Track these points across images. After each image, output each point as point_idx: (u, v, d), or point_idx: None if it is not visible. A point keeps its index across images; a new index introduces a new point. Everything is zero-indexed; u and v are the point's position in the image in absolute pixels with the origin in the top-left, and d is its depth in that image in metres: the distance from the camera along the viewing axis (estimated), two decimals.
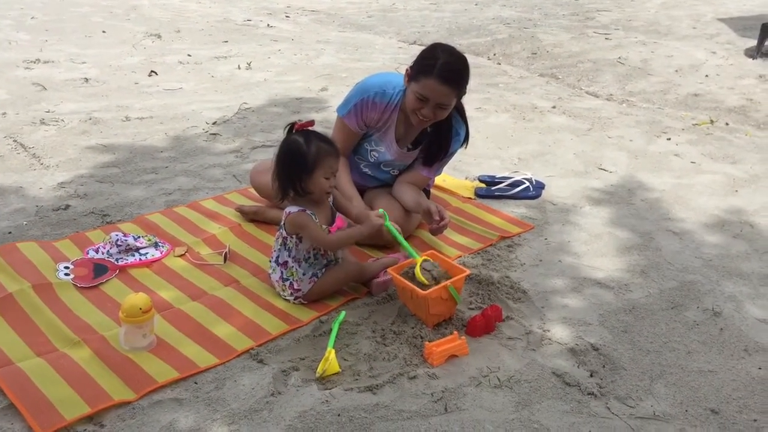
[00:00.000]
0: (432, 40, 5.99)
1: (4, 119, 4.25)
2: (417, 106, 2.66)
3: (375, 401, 2.01)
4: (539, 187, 3.50)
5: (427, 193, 3.13)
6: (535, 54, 6.61)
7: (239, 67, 5.72)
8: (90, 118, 4.31)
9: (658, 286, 2.69)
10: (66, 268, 2.62)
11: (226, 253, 2.76)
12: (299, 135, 2.40)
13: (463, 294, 2.52)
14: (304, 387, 2.06)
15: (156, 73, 5.42)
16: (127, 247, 2.74)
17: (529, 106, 4.96)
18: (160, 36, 6.72)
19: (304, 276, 2.45)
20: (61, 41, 6.37)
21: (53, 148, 3.81)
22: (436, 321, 2.36)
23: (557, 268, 2.79)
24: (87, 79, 5.17)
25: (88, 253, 2.73)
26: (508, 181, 3.47)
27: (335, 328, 2.29)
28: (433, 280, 2.35)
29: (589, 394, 2.08)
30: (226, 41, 6.68)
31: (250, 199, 3.25)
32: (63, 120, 4.26)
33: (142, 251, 2.75)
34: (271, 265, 2.53)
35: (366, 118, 2.84)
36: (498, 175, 3.59)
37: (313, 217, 2.40)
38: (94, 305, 2.42)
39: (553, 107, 4.95)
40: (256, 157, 3.80)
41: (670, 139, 4.36)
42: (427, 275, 2.36)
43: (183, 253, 2.78)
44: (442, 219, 2.71)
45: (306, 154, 2.35)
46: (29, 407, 1.92)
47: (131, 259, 2.70)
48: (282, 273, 2.47)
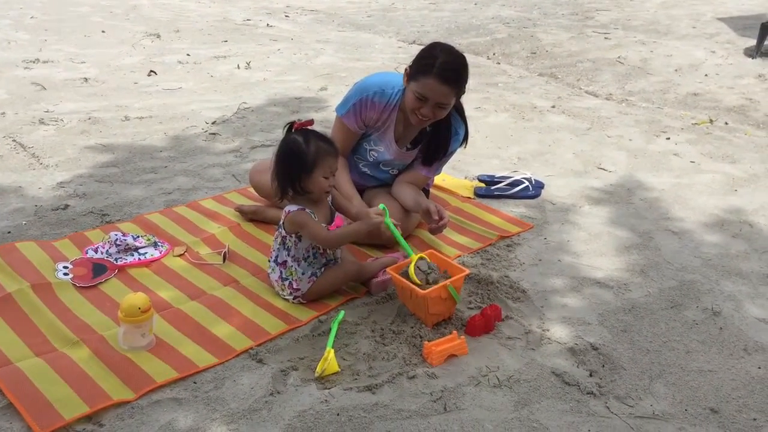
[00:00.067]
0: (431, 39, 5.99)
1: (4, 119, 4.24)
2: (416, 105, 2.65)
3: (374, 401, 2.01)
4: (538, 186, 3.50)
5: (427, 192, 3.13)
6: (534, 53, 6.61)
7: (238, 67, 5.71)
8: (89, 118, 4.31)
9: (658, 286, 2.69)
10: (65, 267, 2.62)
11: (225, 252, 2.76)
12: (298, 134, 2.39)
13: (463, 293, 2.52)
14: (303, 386, 2.06)
15: (155, 73, 5.41)
16: (126, 247, 2.74)
17: (529, 105, 4.95)
18: (159, 36, 6.72)
19: (303, 275, 2.45)
20: (60, 41, 6.37)
21: (52, 148, 3.81)
22: (435, 320, 2.36)
23: (557, 268, 2.79)
24: (86, 79, 5.17)
25: (87, 252, 2.73)
26: (508, 181, 3.46)
27: (334, 327, 2.29)
28: (426, 281, 2.34)
29: (588, 394, 2.08)
30: (226, 41, 6.67)
31: (250, 198, 3.25)
32: (62, 120, 4.26)
33: (141, 251, 2.75)
34: (270, 265, 2.53)
35: (365, 117, 2.84)
36: (497, 175, 3.58)
37: (312, 215, 2.40)
38: (93, 305, 2.42)
39: (553, 107, 4.95)
40: (256, 156, 3.80)
41: (669, 138, 4.35)
42: (421, 275, 2.36)
43: (182, 252, 2.78)
44: (441, 218, 2.71)
45: (305, 154, 2.35)
46: (28, 407, 1.92)
47: (130, 259, 2.70)
48: (281, 272, 2.47)
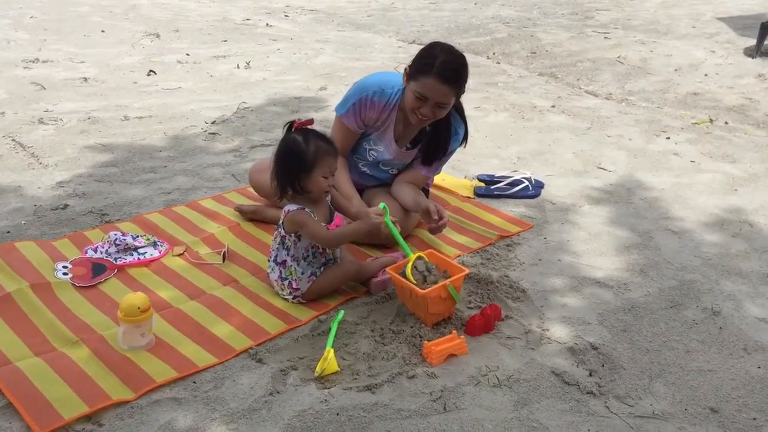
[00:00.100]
0: (431, 39, 5.99)
1: (3, 118, 4.24)
2: (416, 105, 2.65)
3: (374, 400, 2.01)
4: (538, 186, 3.49)
5: (426, 192, 3.13)
6: (534, 53, 6.61)
7: (238, 67, 5.71)
8: (89, 118, 4.31)
9: (658, 285, 2.69)
10: (64, 267, 2.62)
11: (224, 252, 2.76)
12: (298, 134, 2.39)
13: (462, 293, 2.52)
14: (303, 386, 2.06)
15: (155, 73, 5.41)
16: (126, 247, 2.73)
17: (529, 105, 4.95)
18: (158, 35, 6.71)
19: (302, 275, 2.45)
20: (60, 41, 6.36)
21: (52, 148, 3.80)
22: (435, 320, 2.36)
23: (556, 268, 2.79)
24: (86, 79, 5.17)
25: (86, 252, 2.73)
26: (507, 180, 3.46)
27: (334, 327, 2.29)
28: (423, 281, 2.34)
29: (588, 393, 2.08)
30: (225, 40, 6.67)
31: (249, 198, 3.25)
32: (62, 119, 4.26)
33: (140, 250, 2.75)
34: (269, 265, 2.53)
35: (365, 117, 2.84)
36: (497, 174, 3.58)
37: (311, 215, 2.39)
38: (92, 305, 2.42)
39: (553, 106, 4.94)
40: (255, 156, 3.79)
41: (669, 138, 4.35)
42: (418, 275, 2.35)
43: (182, 252, 2.78)
44: (441, 218, 2.71)
45: (305, 153, 2.34)
46: (28, 407, 1.91)
47: (130, 259, 2.70)
48: (281, 272, 2.46)
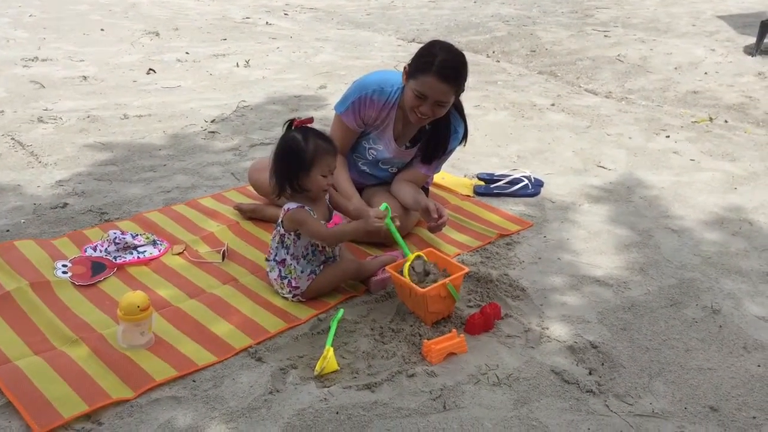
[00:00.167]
0: (431, 37, 5.98)
1: (2, 117, 4.24)
2: (415, 103, 2.65)
3: (373, 399, 2.01)
4: (538, 184, 3.49)
5: (426, 190, 3.12)
6: (534, 51, 6.61)
7: (238, 65, 5.71)
8: (88, 116, 4.31)
9: (657, 284, 2.69)
10: (64, 266, 2.62)
11: (224, 251, 2.76)
12: (298, 132, 2.39)
13: (462, 292, 2.52)
14: (303, 385, 2.06)
15: (154, 71, 5.41)
16: (125, 245, 2.73)
17: (528, 103, 4.95)
18: (158, 34, 6.71)
19: (302, 273, 2.45)
20: (59, 39, 6.36)
21: (51, 146, 3.80)
22: (434, 319, 2.36)
23: (556, 266, 2.78)
24: (85, 77, 5.16)
25: (86, 251, 2.73)
26: (507, 179, 3.46)
27: (333, 326, 2.28)
28: (419, 281, 2.34)
29: (587, 392, 2.07)
30: (225, 39, 6.66)
31: (249, 197, 3.25)
32: (61, 118, 4.26)
33: (140, 249, 2.75)
34: (269, 264, 2.52)
35: (364, 115, 2.84)
36: (497, 173, 3.58)
37: (311, 213, 2.39)
38: (92, 303, 2.42)
39: (552, 105, 4.94)
40: (255, 155, 3.79)
41: (669, 136, 4.35)
42: (414, 276, 2.35)
43: (181, 251, 2.78)
44: (440, 217, 2.71)
45: (304, 152, 2.34)
46: (27, 405, 1.91)
47: (129, 257, 2.70)
48: (280, 271, 2.46)
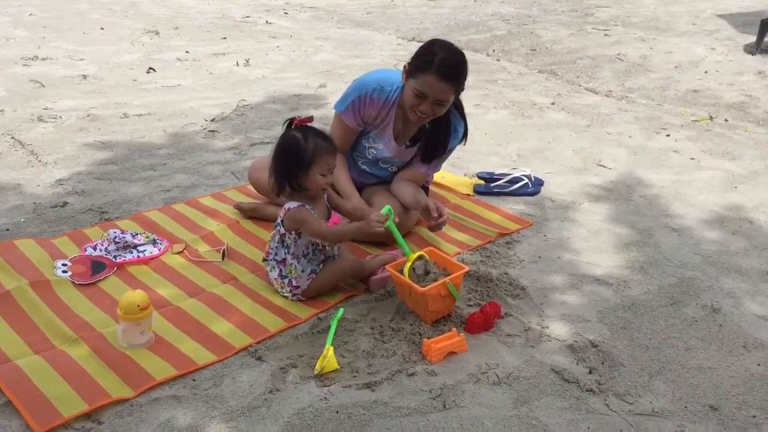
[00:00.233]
0: (431, 36, 5.97)
1: (2, 116, 4.24)
2: (415, 102, 2.65)
3: (373, 398, 2.01)
4: (538, 183, 3.49)
5: (426, 189, 3.12)
6: (534, 50, 6.60)
7: (237, 64, 5.70)
8: (88, 115, 4.30)
9: (657, 283, 2.69)
10: (64, 265, 2.62)
11: (224, 250, 2.76)
12: (297, 131, 2.39)
13: (462, 291, 2.52)
14: (303, 384, 2.06)
15: (154, 70, 5.40)
16: (125, 245, 2.73)
17: (528, 102, 4.95)
18: (158, 33, 6.70)
19: (302, 273, 2.44)
20: (59, 38, 6.36)
21: (51, 145, 3.80)
22: (434, 318, 2.36)
23: (556, 265, 2.78)
24: (85, 76, 5.16)
25: (86, 250, 2.73)
26: (507, 178, 3.46)
27: (333, 325, 2.28)
28: (419, 281, 2.34)
29: (587, 391, 2.07)
30: (225, 38, 6.66)
31: (249, 196, 3.25)
32: (61, 117, 4.26)
33: (140, 248, 2.75)
34: (269, 263, 2.52)
35: (364, 114, 2.84)
36: (497, 172, 3.58)
37: (312, 212, 2.39)
38: (92, 302, 2.42)
39: (552, 103, 4.94)
40: (255, 154, 3.79)
41: (669, 135, 4.35)
42: (414, 277, 2.35)
43: (181, 250, 2.78)
44: (440, 216, 2.70)
45: (303, 150, 2.34)
46: (27, 405, 1.91)
47: (129, 257, 2.70)
48: (281, 270, 2.46)
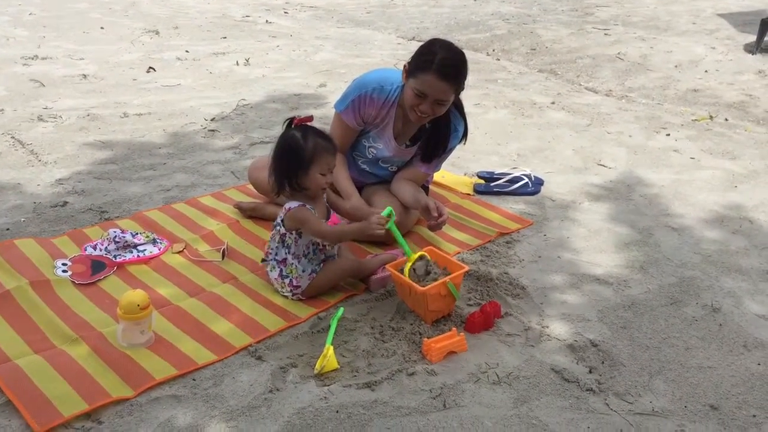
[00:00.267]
0: (431, 36, 5.98)
1: (2, 116, 4.24)
2: (415, 102, 2.65)
3: (373, 398, 2.01)
4: (538, 183, 3.49)
5: (426, 189, 3.12)
6: (534, 50, 6.60)
7: (237, 64, 5.70)
8: (88, 115, 4.30)
9: (657, 282, 2.69)
10: (64, 264, 2.62)
11: (224, 249, 2.76)
12: (297, 130, 2.39)
13: (462, 290, 2.51)
14: (303, 383, 2.06)
15: (154, 70, 5.40)
16: (125, 244, 2.73)
17: (528, 101, 4.95)
18: (158, 32, 6.70)
19: (303, 273, 2.44)
20: (59, 37, 6.36)
21: (51, 145, 3.80)
22: (434, 317, 2.36)
23: (556, 264, 2.78)
24: (85, 76, 5.16)
25: (85, 249, 2.73)
26: (507, 177, 3.46)
27: (333, 324, 2.28)
28: (419, 281, 2.34)
29: (587, 390, 2.07)
30: (225, 37, 6.66)
31: (249, 195, 3.24)
32: (61, 116, 4.25)
33: (140, 248, 2.75)
34: (269, 263, 2.52)
35: (364, 114, 2.83)
36: (497, 171, 3.58)
37: (312, 211, 2.39)
38: (92, 302, 2.42)
39: (552, 103, 4.94)
40: (255, 153, 3.79)
41: (669, 134, 4.35)
42: (414, 278, 2.35)
43: (181, 249, 2.78)
44: (440, 215, 2.70)
45: (303, 150, 2.34)
46: (27, 404, 1.91)
47: (129, 256, 2.69)
48: (281, 270, 2.46)
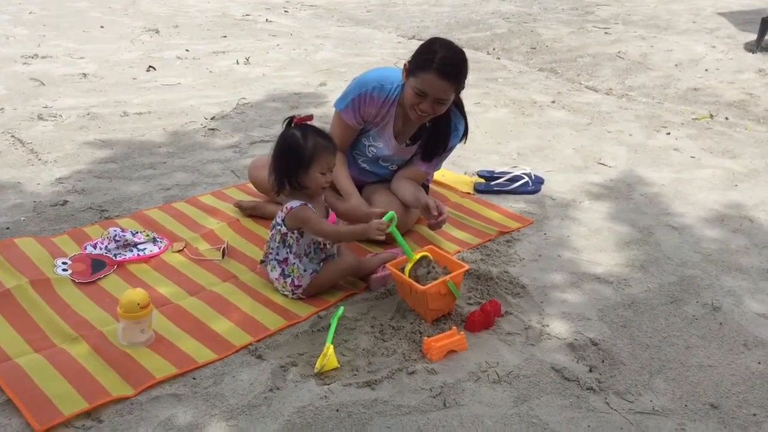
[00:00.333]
0: (431, 34, 5.98)
1: (2, 115, 4.23)
2: (415, 101, 2.64)
3: (373, 396, 2.01)
4: (538, 182, 3.49)
5: (426, 188, 3.12)
6: (534, 48, 6.60)
7: (238, 62, 5.70)
8: (88, 114, 4.30)
9: (658, 281, 2.69)
10: (64, 263, 2.62)
11: (224, 248, 2.76)
12: (297, 129, 2.39)
13: (462, 289, 2.51)
14: (303, 382, 2.06)
15: (154, 69, 5.40)
16: (125, 243, 2.73)
17: (529, 100, 4.95)
18: (158, 31, 6.70)
19: (305, 272, 2.44)
20: (59, 36, 6.35)
21: (51, 144, 3.80)
22: (435, 316, 2.36)
23: (556, 263, 2.78)
24: (85, 75, 5.16)
25: (86, 248, 2.73)
26: (507, 176, 3.45)
27: (334, 323, 2.28)
28: (418, 280, 2.33)
29: (588, 389, 2.07)
30: (225, 36, 6.66)
31: (249, 194, 3.24)
32: (61, 115, 4.25)
33: (140, 247, 2.75)
34: (269, 263, 2.51)
35: (364, 112, 2.83)
36: (497, 170, 3.58)
37: (314, 210, 2.39)
38: (92, 301, 2.42)
39: (553, 102, 4.94)
40: (255, 152, 3.79)
41: (669, 133, 4.35)
42: (414, 276, 2.35)
43: (181, 248, 2.78)
44: (440, 214, 2.70)
45: (303, 149, 2.34)
46: (27, 403, 1.91)
47: (129, 255, 2.69)
48: (283, 270, 2.45)
